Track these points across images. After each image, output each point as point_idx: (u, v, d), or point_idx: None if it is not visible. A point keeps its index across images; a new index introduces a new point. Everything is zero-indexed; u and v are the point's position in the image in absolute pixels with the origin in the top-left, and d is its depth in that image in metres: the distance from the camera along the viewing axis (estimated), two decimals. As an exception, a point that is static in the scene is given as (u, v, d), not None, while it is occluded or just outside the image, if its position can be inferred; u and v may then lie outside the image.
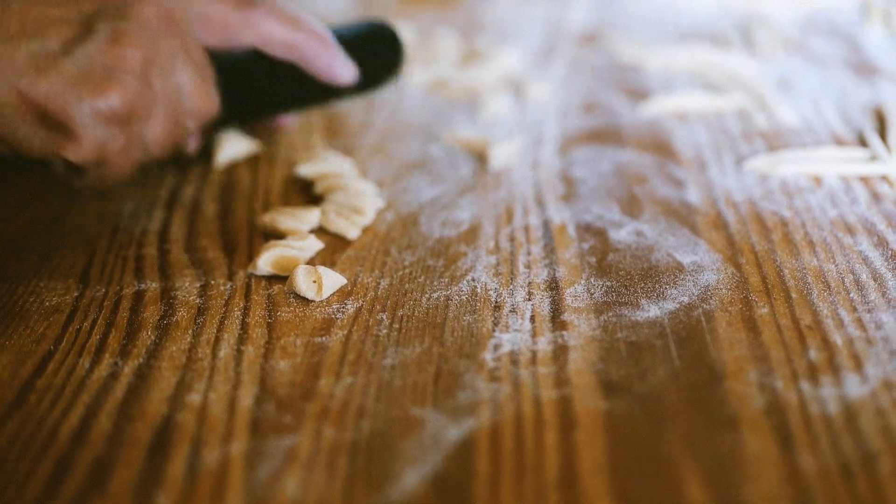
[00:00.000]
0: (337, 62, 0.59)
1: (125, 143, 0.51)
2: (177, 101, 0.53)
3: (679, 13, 0.92)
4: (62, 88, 0.49)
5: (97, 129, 0.50)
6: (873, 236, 0.54)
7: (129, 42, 0.50)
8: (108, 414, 0.42)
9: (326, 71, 0.59)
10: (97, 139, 0.50)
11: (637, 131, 0.68)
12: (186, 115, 0.54)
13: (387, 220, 0.58)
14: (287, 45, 0.57)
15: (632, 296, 0.50)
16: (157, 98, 0.52)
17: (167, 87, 0.52)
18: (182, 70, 0.53)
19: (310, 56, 0.58)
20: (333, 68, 0.59)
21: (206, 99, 0.54)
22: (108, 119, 0.50)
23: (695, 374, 0.44)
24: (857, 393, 0.42)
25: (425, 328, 0.48)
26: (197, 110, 0.54)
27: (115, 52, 0.50)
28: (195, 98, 0.53)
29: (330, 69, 0.59)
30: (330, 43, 0.59)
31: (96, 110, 0.50)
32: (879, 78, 0.75)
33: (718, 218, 0.56)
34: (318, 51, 0.58)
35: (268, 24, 0.56)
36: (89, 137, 0.50)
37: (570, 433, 0.40)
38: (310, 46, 0.58)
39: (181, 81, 0.53)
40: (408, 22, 0.91)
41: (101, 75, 0.50)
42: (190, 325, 0.48)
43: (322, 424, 0.41)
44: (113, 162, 0.52)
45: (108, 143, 0.51)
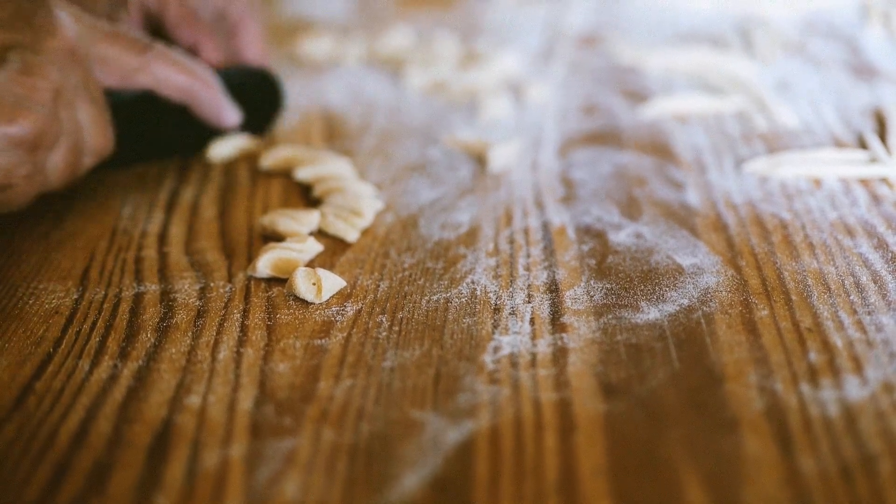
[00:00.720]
0: (223, 107, 0.63)
1: (30, 170, 0.52)
2: (78, 134, 0.55)
3: (678, 15, 0.92)
4: None
5: (6, 153, 0.51)
6: (873, 238, 0.54)
7: (39, 73, 0.52)
8: (108, 416, 0.42)
9: (214, 114, 0.63)
10: (4, 164, 0.51)
11: (636, 133, 0.68)
12: (85, 150, 0.55)
13: (386, 222, 0.58)
14: (179, 89, 0.60)
15: (631, 298, 0.50)
16: (61, 129, 0.53)
17: (71, 120, 0.54)
18: (83, 105, 0.55)
19: (200, 100, 0.62)
20: (221, 112, 0.63)
21: (104, 135, 0.56)
22: (17, 145, 0.51)
23: (694, 376, 0.44)
24: (857, 395, 0.42)
25: (425, 330, 0.48)
26: (94, 146, 0.56)
27: (26, 82, 0.51)
28: (93, 134, 0.55)
29: (218, 113, 0.63)
30: (217, 88, 0.62)
31: (7, 136, 0.51)
32: (879, 80, 0.75)
33: (718, 220, 0.56)
34: (207, 96, 0.62)
35: (162, 68, 0.59)
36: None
37: (569, 436, 0.40)
38: (200, 91, 0.61)
39: (81, 116, 0.55)
40: (406, 24, 0.91)
41: (13, 103, 0.51)
42: (189, 327, 0.48)
43: (321, 427, 0.41)
44: (16, 188, 0.53)
45: (15, 169, 0.52)
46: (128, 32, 0.58)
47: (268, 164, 0.64)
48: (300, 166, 0.63)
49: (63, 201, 0.61)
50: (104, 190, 0.62)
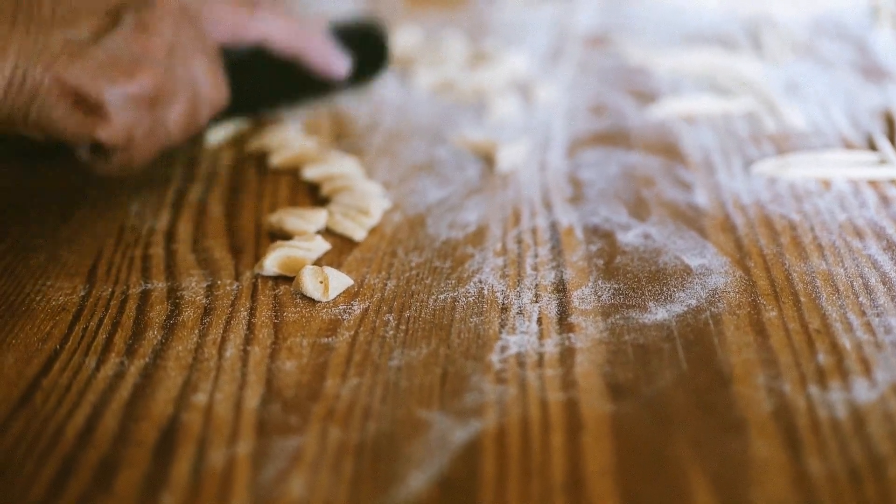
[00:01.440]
0: (332, 58, 0.65)
1: (150, 126, 0.54)
2: (194, 88, 0.56)
3: (687, 16, 0.91)
4: (95, 72, 0.52)
5: (127, 111, 0.53)
6: (882, 240, 0.54)
7: (153, 30, 0.54)
8: (114, 414, 0.42)
9: (323, 65, 0.64)
10: (127, 121, 0.53)
11: (645, 134, 0.68)
12: (201, 103, 0.57)
13: (394, 221, 0.58)
14: (288, 41, 0.62)
15: (639, 298, 0.49)
16: (178, 84, 0.55)
17: (186, 74, 0.55)
18: (198, 60, 0.56)
19: (308, 52, 0.63)
20: (329, 63, 0.65)
21: (218, 89, 0.58)
22: (137, 102, 0.53)
23: (702, 377, 0.44)
24: (865, 397, 0.42)
25: (432, 330, 0.47)
26: (210, 100, 0.57)
27: (141, 40, 0.53)
28: (208, 87, 0.57)
29: (326, 64, 0.65)
30: (326, 40, 0.64)
31: (126, 93, 0.52)
32: (888, 81, 0.75)
33: (727, 221, 0.56)
34: (316, 46, 0.63)
35: (271, 22, 0.61)
36: (120, 119, 0.53)
37: (576, 436, 0.40)
38: (308, 42, 0.63)
39: (196, 71, 0.56)
40: (415, 24, 0.91)
41: (130, 61, 0.53)
42: (196, 325, 0.48)
43: (328, 425, 0.41)
44: (139, 145, 0.55)
45: (136, 126, 0.54)
46: None
47: (276, 162, 0.64)
48: (308, 165, 0.62)
49: (71, 198, 0.61)
50: (112, 187, 0.62)
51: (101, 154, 0.55)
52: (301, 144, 0.66)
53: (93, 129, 0.53)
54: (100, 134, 0.53)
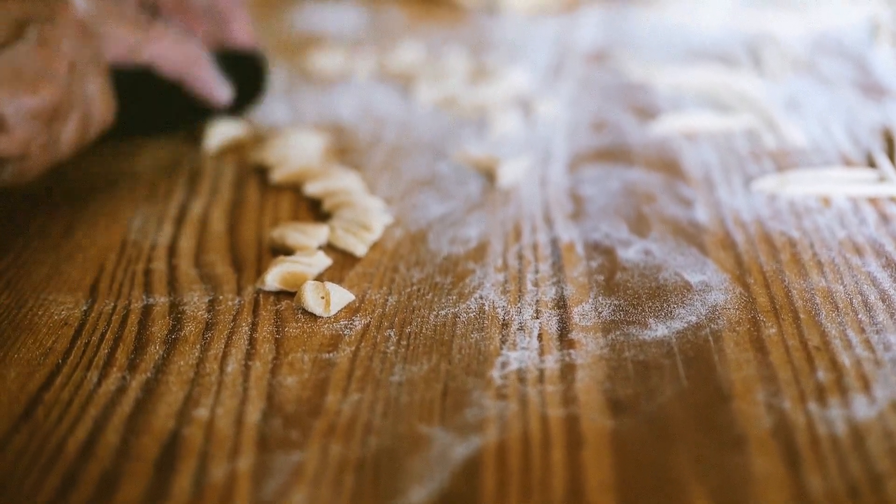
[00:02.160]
0: (216, 84, 0.66)
1: (46, 140, 0.54)
2: (87, 106, 0.57)
3: (688, 33, 0.92)
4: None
5: (26, 124, 0.53)
6: (882, 257, 0.54)
7: (56, 45, 0.54)
8: (116, 428, 0.42)
9: (208, 90, 0.66)
10: (25, 134, 0.53)
11: (646, 150, 0.68)
12: (92, 121, 0.58)
13: (395, 236, 0.58)
14: (176, 66, 0.63)
15: (640, 315, 0.50)
16: (74, 100, 0.55)
17: (81, 92, 0.56)
18: (91, 78, 0.57)
19: (194, 77, 0.65)
20: (213, 89, 0.66)
21: (108, 108, 0.58)
22: (36, 116, 0.53)
23: (702, 393, 0.44)
24: (865, 414, 0.42)
25: (433, 345, 0.48)
26: (100, 118, 0.58)
27: (44, 54, 0.53)
28: (99, 106, 0.58)
29: (210, 89, 0.66)
30: (211, 67, 0.66)
31: (28, 107, 0.53)
32: (888, 99, 0.75)
33: (727, 238, 0.56)
34: (202, 73, 0.65)
35: (162, 46, 0.62)
36: (19, 132, 0.53)
37: (577, 452, 0.40)
38: (195, 68, 0.64)
39: (90, 89, 0.57)
40: (416, 39, 0.91)
41: (32, 74, 0.53)
42: (198, 339, 0.49)
43: (329, 441, 0.41)
44: (32, 158, 0.55)
45: (33, 139, 0.54)
46: (131, 11, 0.61)
47: (278, 178, 0.64)
48: (309, 181, 0.63)
49: (73, 212, 0.61)
50: (114, 202, 0.62)
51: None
52: (302, 160, 0.66)
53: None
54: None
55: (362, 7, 1.01)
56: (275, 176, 0.64)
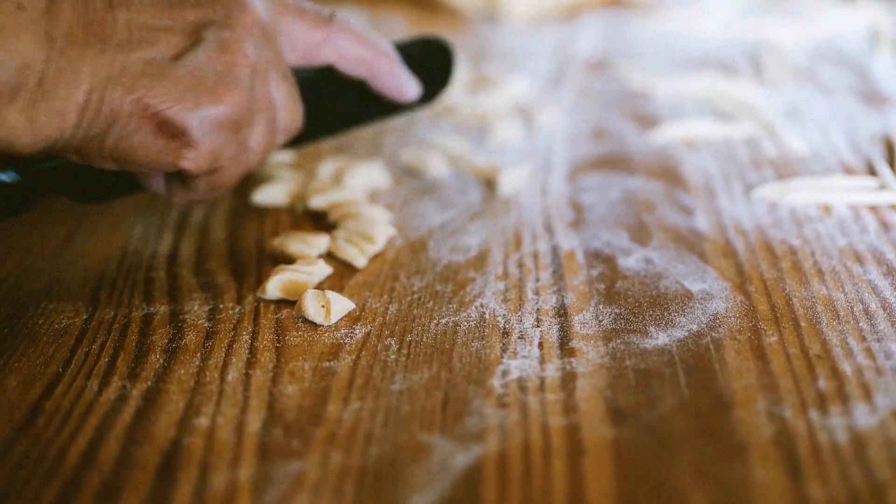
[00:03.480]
0: (403, 80, 0.61)
1: (236, 150, 0.51)
2: (273, 111, 0.53)
3: (688, 41, 0.92)
4: (179, 95, 0.48)
5: (212, 135, 0.50)
6: (882, 265, 0.54)
7: (236, 49, 0.50)
8: (116, 437, 0.42)
9: (394, 88, 0.60)
10: (213, 145, 0.50)
11: (646, 158, 0.68)
12: (278, 127, 0.54)
13: (396, 245, 0.58)
14: (361, 62, 0.58)
15: (640, 323, 0.50)
16: (259, 106, 0.52)
17: (266, 97, 0.52)
18: (276, 82, 0.53)
19: (381, 73, 0.60)
20: (401, 86, 0.61)
21: (295, 112, 0.55)
22: (223, 125, 0.50)
23: (703, 402, 0.44)
24: (866, 423, 0.42)
25: (433, 354, 0.48)
26: (287, 122, 0.54)
27: (225, 59, 0.50)
28: (285, 111, 0.54)
29: (398, 86, 0.60)
30: (398, 61, 0.60)
31: (213, 116, 0.49)
32: (888, 107, 0.75)
33: (727, 246, 0.56)
34: (388, 68, 0.60)
35: (345, 41, 0.57)
36: (206, 144, 0.50)
37: (577, 460, 0.40)
38: (380, 64, 0.59)
39: (275, 93, 0.53)
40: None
41: (214, 82, 0.49)
42: (198, 348, 0.49)
43: (330, 450, 0.41)
44: (225, 169, 0.52)
45: (222, 150, 0.51)
46: (311, 6, 0.57)
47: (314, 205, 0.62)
48: (313, 195, 0.62)
49: (73, 221, 0.61)
50: (115, 210, 0.62)
51: (181, 182, 0.53)
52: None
53: (177, 157, 0.49)
54: (184, 161, 0.50)
55: (362, 15, 1.01)
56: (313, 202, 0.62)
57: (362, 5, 1.04)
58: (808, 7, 0.99)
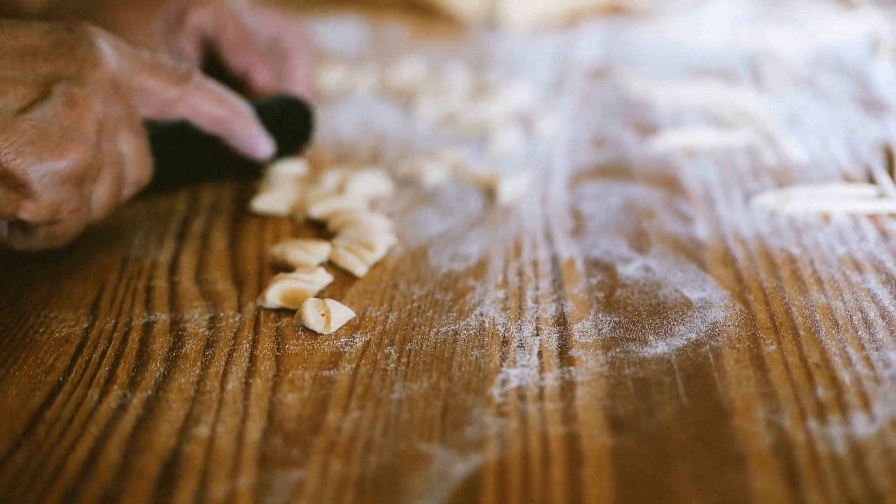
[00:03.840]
0: (256, 138, 0.62)
1: (77, 204, 0.52)
2: (120, 165, 0.54)
3: (688, 48, 0.92)
4: (21, 148, 0.49)
5: (54, 189, 0.50)
6: (882, 274, 0.54)
7: (84, 105, 0.51)
8: (117, 446, 0.42)
9: (247, 146, 0.62)
10: (53, 199, 0.50)
11: (646, 166, 0.68)
12: (126, 181, 0.55)
13: (396, 253, 0.58)
14: (215, 121, 0.60)
15: (640, 332, 0.50)
16: (105, 161, 0.53)
17: (113, 151, 0.53)
18: (124, 136, 0.54)
19: (234, 132, 0.61)
20: (254, 144, 0.62)
21: (143, 166, 0.56)
22: (65, 179, 0.50)
23: (702, 411, 0.44)
24: (864, 432, 0.42)
25: (433, 362, 0.48)
26: (135, 176, 0.55)
27: (72, 115, 0.50)
28: (134, 164, 0.55)
29: (251, 144, 0.62)
30: (251, 120, 0.62)
31: (55, 170, 0.50)
32: (888, 114, 0.75)
33: (727, 254, 0.57)
34: (241, 127, 0.61)
35: (200, 99, 0.58)
36: (46, 197, 0.50)
37: (577, 469, 0.40)
38: (234, 123, 0.61)
39: (124, 147, 0.54)
40: (418, 55, 0.91)
41: (59, 137, 0.50)
42: (199, 357, 0.49)
43: (329, 458, 0.41)
44: (65, 221, 0.52)
45: (62, 204, 0.51)
46: (168, 62, 0.57)
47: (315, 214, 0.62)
48: (313, 203, 0.62)
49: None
50: (115, 219, 0.62)
51: (22, 230, 0.53)
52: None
53: (16, 208, 0.50)
54: (23, 213, 0.50)
55: (363, 23, 1.02)
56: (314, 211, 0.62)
57: (363, 14, 1.04)
58: (808, 14, 0.99)
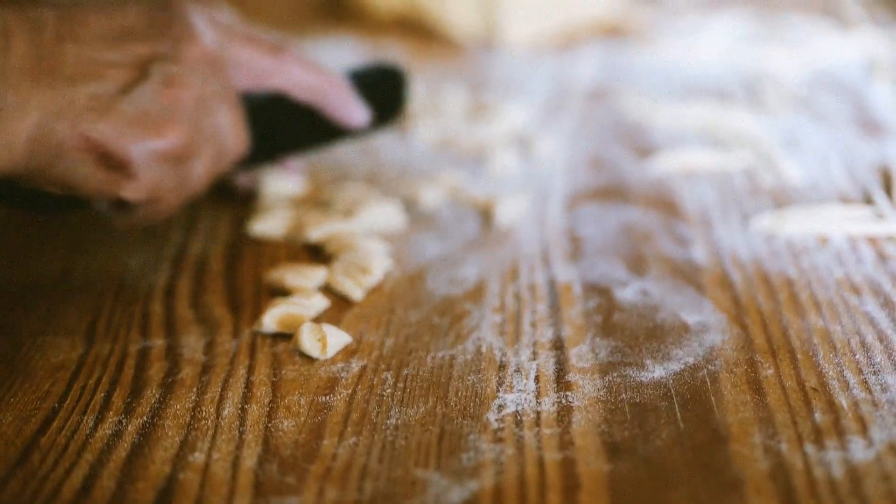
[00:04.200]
0: (352, 107, 0.63)
1: (176, 181, 0.53)
2: (218, 140, 0.55)
3: (685, 69, 0.92)
4: (122, 129, 0.50)
5: (154, 168, 0.52)
6: (879, 297, 0.54)
7: (181, 84, 0.52)
8: (111, 473, 0.42)
9: (343, 114, 0.63)
10: (153, 178, 0.52)
11: (643, 189, 0.68)
12: (223, 154, 0.56)
13: (393, 276, 0.58)
14: (310, 90, 0.61)
15: (637, 356, 0.50)
16: (204, 137, 0.54)
17: (211, 126, 0.54)
18: (221, 111, 0.55)
19: (329, 100, 0.62)
20: (350, 112, 0.63)
21: (240, 139, 0.56)
22: (164, 158, 0.52)
23: (699, 436, 0.44)
24: (862, 457, 0.42)
25: (429, 388, 0.48)
26: (231, 150, 0.56)
27: (169, 94, 0.52)
28: (231, 138, 0.56)
29: (347, 113, 0.63)
30: (347, 89, 0.62)
31: (155, 150, 0.51)
32: (886, 136, 0.75)
33: (724, 277, 0.56)
34: (337, 95, 0.62)
35: (295, 69, 0.60)
36: (147, 176, 0.52)
37: (573, 495, 0.40)
38: (330, 91, 0.61)
39: (220, 122, 0.55)
40: (415, 76, 0.91)
41: (158, 116, 0.51)
42: (195, 383, 0.49)
43: (325, 485, 0.41)
44: (164, 199, 0.54)
45: (162, 182, 0.53)
46: (261, 35, 0.59)
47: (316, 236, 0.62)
48: (311, 227, 0.62)
49: (70, 255, 0.61)
50: (111, 244, 0.62)
51: (123, 208, 0.54)
52: None
53: (118, 187, 0.52)
54: (125, 192, 0.52)
55: (361, 43, 1.02)
56: (312, 234, 0.62)
57: (361, 35, 1.05)
58: (806, 36, 0.99)
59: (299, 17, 1.11)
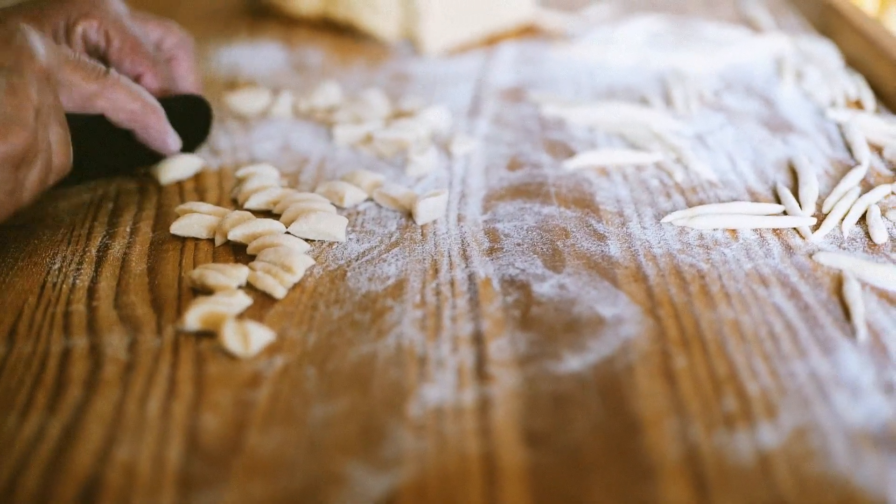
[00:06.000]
0: (168, 134, 0.68)
1: (13, 186, 0.55)
2: (49, 153, 0.58)
3: (600, 71, 0.94)
4: None
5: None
6: (787, 288, 0.56)
7: (24, 93, 0.55)
8: (35, 473, 0.42)
9: (160, 140, 0.67)
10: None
11: (560, 186, 0.70)
12: (50, 170, 0.58)
13: (315, 275, 0.58)
14: (130, 115, 0.65)
15: (555, 348, 0.51)
16: (39, 148, 0.56)
17: (45, 139, 0.57)
18: (53, 126, 0.58)
19: (147, 127, 0.66)
20: (165, 139, 0.68)
21: (66, 157, 0.59)
22: (6, 161, 0.54)
23: (616, 425, 0.45)
24: (771, 442, 0.44)
25: (352, 382, 0.48)
26: (58, 165, 0.59)
27: (13, 102, 0.54)
28: (59, 153, 0.59)
29: (163, 140, 0.68)
30: (163, 118, 0.67)
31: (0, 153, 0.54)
32: (792, 134, 0.77)
33: (638, 271, 0.58)
34: (155, 124, 0.66)
35: (117, 94, 0.63)
36: None
37: (494, 485, 0.41)
38: (148, 120, 0.66)
39: (52, 136, 0.58)
40: (338, 80, 0.92)
41: (3, 121, 0.54)
42: (118, 381, 0.49)
43: (250, 479, 0.42)
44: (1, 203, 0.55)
45: (1, 186, 0.54)
46: (87, 60, 0.62)
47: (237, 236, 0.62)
48: (232, 226, 0.62)
49: (-10, 256, 0.61)
50: (32, 245, 0.62)
51: None
52: None
53: None
54: None
55: (283, 46, 1.02)
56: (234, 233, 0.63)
57: (282, 36, 1.05)
58: (717, 37, 1.01)
59: (221, 17, 1.11)
